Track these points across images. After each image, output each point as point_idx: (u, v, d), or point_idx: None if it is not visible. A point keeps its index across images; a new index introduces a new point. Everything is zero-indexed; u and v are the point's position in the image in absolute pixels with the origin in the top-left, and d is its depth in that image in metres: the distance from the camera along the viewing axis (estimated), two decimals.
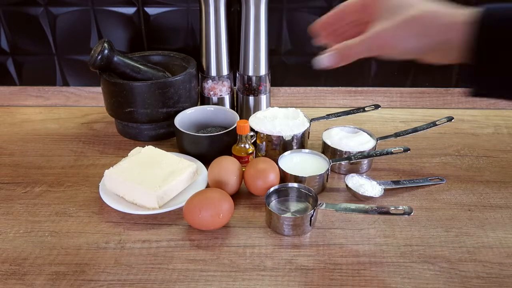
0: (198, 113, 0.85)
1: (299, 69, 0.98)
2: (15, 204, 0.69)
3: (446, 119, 0.79)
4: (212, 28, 0.86)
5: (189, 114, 0.83)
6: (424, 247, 0.61)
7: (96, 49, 0.78)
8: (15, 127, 0.93)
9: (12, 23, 0.94)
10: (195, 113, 0.84)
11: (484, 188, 0.73)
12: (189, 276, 0.56)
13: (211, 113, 0.85)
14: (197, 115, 0.84)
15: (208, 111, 0.85)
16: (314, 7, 0.91)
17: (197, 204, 0.62)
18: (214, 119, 0.85)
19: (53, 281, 0.55)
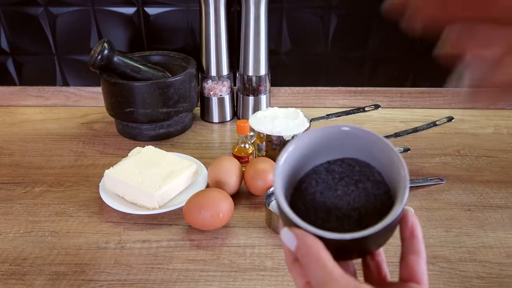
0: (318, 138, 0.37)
1: (299, 69, 0.98)
2: (15, 204, 0.69)
3: (446, 119, 0.79)
4: (212, 28, 0.86)
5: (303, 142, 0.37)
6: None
7: (96, 49, 0.78)
8: (15, 127, 0.93)
9: (12, 23, 0.94)
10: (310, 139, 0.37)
11: (484, 188, 0.73)
12: (189, 276, 0.56)
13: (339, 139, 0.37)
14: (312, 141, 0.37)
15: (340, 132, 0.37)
16: (314, 7, 0.91)
17: (197, 204, 0.62)
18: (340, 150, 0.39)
19: (53, 281, 0.55)
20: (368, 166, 0.36)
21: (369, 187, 0.35)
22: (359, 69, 0.98)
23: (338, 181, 0.35)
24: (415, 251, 0.35)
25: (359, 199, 0.34)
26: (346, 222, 0.33)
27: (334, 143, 0.36)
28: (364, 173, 0.36)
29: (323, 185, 0.36)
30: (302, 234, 0.32)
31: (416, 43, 0.94)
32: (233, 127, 0.93)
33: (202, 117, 0.96)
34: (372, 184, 0.35)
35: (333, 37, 0.94)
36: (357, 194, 0.35)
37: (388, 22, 0.96)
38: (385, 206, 0.34)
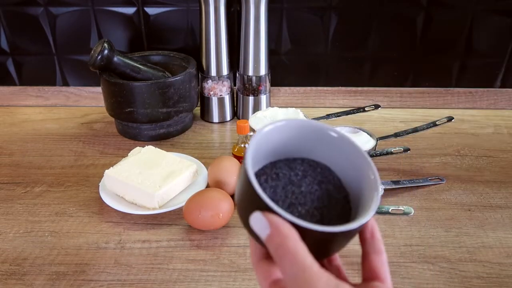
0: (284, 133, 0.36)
1: (299, 69, 0.98)
2: (15, 204, 0.69)
3: (446, 119, 0.79)
4: (212, 28, 0.86)
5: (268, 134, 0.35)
6: (424, 247, 0.61)
7: (96, 49, 0.78)
8: (15, 127, 0.93)
9: (12, 23, 0.94)
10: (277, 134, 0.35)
11: (484, 188, 0.73)
12: (189, 276, 0.56)
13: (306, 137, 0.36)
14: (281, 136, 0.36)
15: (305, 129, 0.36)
16: (314, 7, 0.91)
17: (197, 204, 0.62)
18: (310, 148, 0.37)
19: (53, 281, 0.55)
20: (328, 170, 0.35)
21: (331, 189, 0.34)
22: (359, 69, 0.98)
23: (302, 178, 0.34)
24: (377, 250, 0.33)
25: (323, 200, 0.33)
26: (308, 220, 0.30)
27: (304, 138, 0.35)
28: (325, 176, 0.35)
29: (285, 180, 0.34)
30: (278, 221, 0.28)
31: (416, 43, 0.94)
32: (233, 127, 0.93)
33: (202, 117, 0.96)
34: (333, 187, 0.34)
35: (333, 37, 0.94)
36: (320, 194, 0.33)
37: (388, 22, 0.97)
38: (343, 211, 0.33)
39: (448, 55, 0.96)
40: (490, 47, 0.94)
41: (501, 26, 0.92)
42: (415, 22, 0.92)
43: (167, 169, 0.70)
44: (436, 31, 0.92)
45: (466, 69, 0.97)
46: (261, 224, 0.29)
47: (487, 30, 0.92)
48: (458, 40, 0.94)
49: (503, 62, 0.96)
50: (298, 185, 0.33)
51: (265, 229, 0.29)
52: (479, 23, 0.92)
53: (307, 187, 0.33)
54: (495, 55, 0.95)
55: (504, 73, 0.97)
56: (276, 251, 0.28)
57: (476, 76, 0.98)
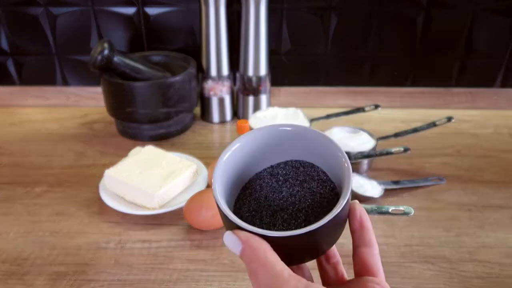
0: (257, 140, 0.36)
1: (299, 69, 0.98)
2: (15, 204, 0.69)
3: (446, 119, 0.79)
4: (212, 28, 0.86)
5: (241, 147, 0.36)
6: (424, 247, 0.61)
7: (96, 49, 0.78)
8: (15, 127, 0.93)
9: (12, 23, 0.94)
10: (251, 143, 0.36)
11: (484, 188, 0.73)
12: (189, 276, 0.56)
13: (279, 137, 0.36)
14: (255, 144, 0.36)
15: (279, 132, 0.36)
16: (314, 7, 0.91)
17: (197, 204, 0.62)
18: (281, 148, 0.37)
19: (53, 281, 0.55)
20: (312, 166, 0.35)
21: (314, 186, 0.34)
22: (359, 69, 0.98)
23: (283, 183, 0.35)
24: (367, 242, 0.33)
25: (305, 199, 0.33)
26: (293, 224, 0.32)
27: (277, 144, 0.35)
28: (308, 173, 0.35)
29: (267, 189, 0.35)
30: (247, 236, 0.29)
31: (416, 43, 0.94)
32: (233, 127, 0.93)
33: (202, 117, 0.96)
34: (317, 183, 0.34)
35: (333, 37, 0.94)
36: (302, 194, 0.34)
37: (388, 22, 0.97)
38: (331, 204, 0.32)
39: (448, 55, 0.96)
40: (490, 47, 0.94)
41: (501, 26, 0.92)
42: (415, 22, 0.92)
43: (167, 169, 0.70)
44: (436, 31, 0.92)
45: (466, 69, 0.97)
46: (233, 242, 0.30)
47: (487, 30, 0.92)
48: (458, 40, 0.94)
49: (503, 62, 0.96)
50: (279, 191, 0.34)
51: (237, 247, 0.30)
52: (479, 23, 0.92)
53: (288, 191, 0.34)
54: (495, 55, 0.95)
55: (504, 73, 0.97)
56: (249, 264, 0.29)
57: (476, 76, 0.98)
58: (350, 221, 0.33)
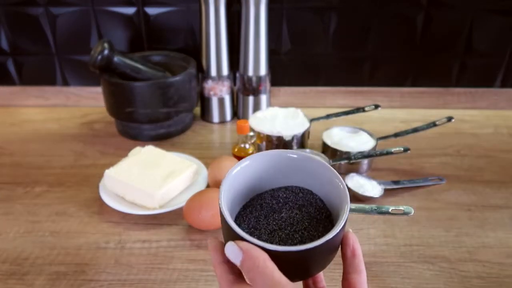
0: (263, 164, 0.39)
1: (299, 69, 0.98)
2: (15, 204, 0.69)
3: (446, 119, 0.79)
4: (212, 28, 0.86)
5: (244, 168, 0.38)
6: (424, 247, 0.61)
7: (96, 49, 0.78)
8: (15, 127, 0.93)
9: (12, 23, 0.94)
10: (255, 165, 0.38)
11: (484, 188, 0.73)
12: (189, 276, 0.56)
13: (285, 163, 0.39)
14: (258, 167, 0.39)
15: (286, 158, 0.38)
16: (314, 7, 0.91)
17: (197, 204, 0.62)
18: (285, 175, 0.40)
19: (53, 281, 0.55)
20: (311, 193, 0.38)
21: (311, 211, 0.36)
22: (359, 69, 0.98)
23: (283, 205, 0.37)
24: (358, 270, 0.34)
25: (302, 222, 0.35)
26: (289, 243, 0.33)
27: (283, 168, 0.38)
28: (307, 199, 0.37)
29: (268, 209, 0.37)
30: (248, 246, 0.31)
31: (416, 43, 0.94)
32: (233, 127, 0.93)
33: (202, 117, 0.96)
34: (314, 209, 0.36)
35: (333, 37, 0.94)
36: (300, 217, 0.36)
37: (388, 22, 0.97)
38: (326, 230, 0.34)
39: (448, 55, 0.96)
40: (490, 47, 0.94)
41: (501, 26, 0.92)
42: (415, 22, 0.92)
43: (167, 169, 0.70)
44: (436, 31, 0.92)
45: (466, 69, 0.97)
46: (234, 252, 0.31)
47: (487, 30, 0.92)
48: (458, 40, 0.94)
49: (503, 62, 0.96)
50: (279, 212, 0.36)
51: (238, 256, 0.31)
52: (479, 23, 0.92)
53: (287, 213, 0.36)
54: (495, 55, 0.95)
55: (504, 73, 0.97)
56: (248, 273, 0.31)
57: (476, 76, 0.98)
58: (343, 248, 0.35)
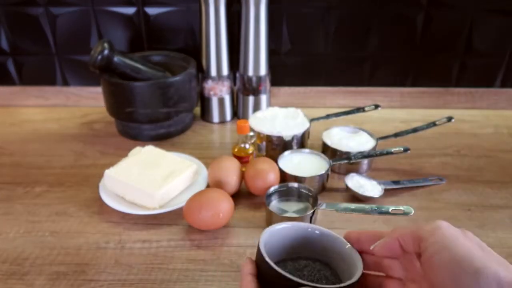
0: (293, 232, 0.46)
1: (299, 69, 0.98)
2: (15, 204, 0.69)
3: (446, 119, 0.79)
4: (212, 28, 0.86)
5: (278, 231, 0.45)
6: None
7: (96, 49, 0.78)
8: (15, 127, 0.93)
9: (12, 23, 0.94)
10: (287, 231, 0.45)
11: (484, 188, 0.73)
12: (189, 276, 0.56)
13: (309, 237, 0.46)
14: (289, 233, 0.46)
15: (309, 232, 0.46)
16: (314, 7, 0.91)
17: (197, 204, 0.62)
18: (309, 245, 0.46)
19: (53, 281, 0.55)
20: (327, 265, 0.45)
21: (328, 275, 0.43)
22: (359, 69, 0.98)
23: (304, 267, 0.44)
24: None
25: (321, 281, 0.42)
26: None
27: (304, 238, 0.45)
28: (323, 266, 0.45)
29: (291, 268, 0.44)
30: (248, 262, 0.39)
31: (416, 43, 0.94)
32: (233, 127, 0.93)
33: (202, 117, 0.96)
34: (330, 274, 0.44)
35: (333, 37, 0.94)
36: (318, 277, 0.43)
37: (388, 22, 0.97)
38: None
39: (448, 55, 0.96)
40: (490, 47, 0.94)
41: (501, 26, 0.92)
42: (415, 22, 0.92)
43: (167, 169, 0.70)
44: (436, 31, 0.92)
45: (466, 69, 0.97)
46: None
47: (487, 30, 0.92)
48: (458, 40, 0.94)
49: (503, 62, 0.96)
50: (301, 271, 0.44)
51: None
52: (479, 23, 0.92)
53: (308, 272, 0.43)
54: (495, 55, 0.95)
55: (504, 73, 0.97)
56: None
57: (476, 76, 0.98)
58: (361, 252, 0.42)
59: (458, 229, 0.37)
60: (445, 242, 0.36)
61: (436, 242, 0.36)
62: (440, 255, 0.35)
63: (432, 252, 0.36)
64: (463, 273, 0.34)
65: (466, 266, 0.34)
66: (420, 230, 0.37)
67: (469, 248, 0.35)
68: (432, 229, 0.37)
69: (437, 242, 0.36)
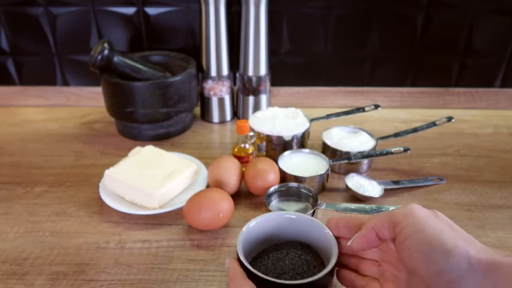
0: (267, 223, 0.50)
1: (299, 69, 0.98)
2: (15, 204, 0.69)
3: (446, 119, 0.79)
4: (212, 28, 0.86)
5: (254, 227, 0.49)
6: None
7: (96, 49, 0.79)
8: (15, 127, 0.93)
9: (12, 23, 0.94)
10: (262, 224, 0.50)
11: (484, 188, 0.73)
12: (189, 276, 0.56)
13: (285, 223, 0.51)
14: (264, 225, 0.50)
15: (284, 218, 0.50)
16: (314, 7, 0.91)
17: (197, 204, 0.62)
18: (288, 230, 0.51)
19: (53, 281, 0.55)
20: (307, 246, 0.49)
21: (309, 259, 0.47)
22: (359, 69, 0.98)
23: (285, 256, 0.48)
24: None
25: (302, 267, 0.46)
26: None
27: (284, 225, 0.50)
28: (304, 250, 0.48)
29: (273, 258, 0.48)
30: (231, 261, 0.43)
31: (416, 43, 0.94)
32: (233, 127, 0.93)
33: (202, 117, 0.96)
34: (311, 257, 0.48)
35: (333, 37, 0.94)
36: (299, 263, 0.47)
37: (388, 22, 0.97)
38: (320, 271, 0.43)
39: (448, 55, 0.96)
40: (490, 47, 0.94)
41: (501, 26, 0.92)
42: (415, 22, 0.92)
43: (167, 169, 0.70)
44: (436, 31, 0.93)
45: (466, 69, 0.97)
46: (226, 265, 0.44)
47: (487, 30, 0.92)
48: (458, 40, 0.94)
49: (503, 62, 0.96)
50: (283, 260, 0.47)
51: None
52: (479, 23, 0.92)
53: (290, 261, 0.47)
54: (495, 55, 0.95)
55: (504, 73, 0.97)
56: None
57: (476, 76, 0.98)
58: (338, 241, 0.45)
59: (430, 211, 0.39)
60: (417, 224, 0.37)
61: (409, 225, 0.37)
62: (412, 237, 0.36)
63: (405, 235, 0.37)
64: (434, 253, 0.35)
65: (437, 246, 0.35)
66: (393, 215, 0.39)
67: (440, 229, 0.36)
68: (404, 213, 0.38)
69: (410, 225, 0.37)
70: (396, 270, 0.41)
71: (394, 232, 0.38)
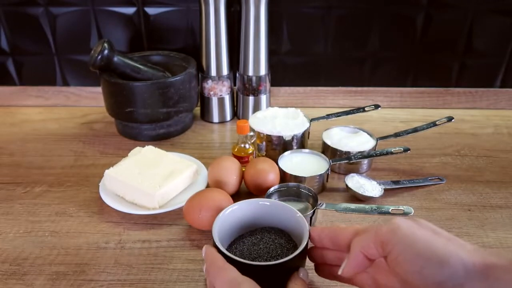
0: (244, 210, 0.53)
1: (299, 69, 0.98)
2: (15, 204, 0.69)
3: (446, 119, 0.79)
4: (212, 28, 0.86)
5: (230, 213, 0.52)
6: None
7: (96, 49, 0.78)
8: (15, 127, 0.93)
9: (12, 23, 0.94)
10: (240, 211, 0.53)
11: (484, 188, 0.73)
12: (189, 276, 0.56)
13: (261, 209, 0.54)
14: (242, 212, 0.53)
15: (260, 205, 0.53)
16: (314, 7, 0.91)
17: (197, 204, 0.61)
18: (264, 216, 0.54)
19: (53, 281, 0.55)
20: (281, 231, 0.52)
21: (282, 242, 0.50)
22: (359, 69, 0.98)
23: (260, 240, 0.50)
24: None
25: (276, 251, 0.49)
26: None
27: (259, 212, 0.53)
28: (277, 234, 0.51)
29: (249, 244, 0.50)
30: (207, 247, 0.44)
31: (416, 43, 0.94)
32: (233, 127, 0.93)
33: (202, 117, 0.96)
34: (284, 241, 0.50)
35: (333, 37, 0.94)
36: (273, 247, 0.49)
37: (388, 22, 0.97)
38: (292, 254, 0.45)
39: (448, 55, 0.96)
40: (490, 47, 0.94)
41: (501, 26, 0.92)
42: (415, 22, 0.92)
43: (167, 169, 0.70)
44: (436, 31, 0.93)
45: (466, 69, 0.97)
46: (204, 253, 0.45)
47: (487, 30, 0.92)
48: (458, 40, 0.94)
49: (503, 62, 0.96)
50: (258, 245, 0.50)
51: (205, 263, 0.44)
52: (479, 23, 0.92)
53: (264, 245, 0.50)
54: (495, 55, 0.95)
55: (504, 73, 0.97)
56: (206, 272, 0.43)
57: (476, 76, 0.98)
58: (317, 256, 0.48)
59: (412, 221, 0.39)
60: (406, 239, 0.37)
61: (398, 242, 0.37)
62: (405, 254, 0.36)
63: (396, 252, 0.37)
64: (429, 265, 0.35)
65: (430, 258, 0.35)
66: (379, 235, 0.38)
67: (429, 239, 0.37)
68: (390, 230, 0.38)
69: (399, 242, 0.37)
70: (388, 280, 0.41)
71: (384, 251, 0.38)
